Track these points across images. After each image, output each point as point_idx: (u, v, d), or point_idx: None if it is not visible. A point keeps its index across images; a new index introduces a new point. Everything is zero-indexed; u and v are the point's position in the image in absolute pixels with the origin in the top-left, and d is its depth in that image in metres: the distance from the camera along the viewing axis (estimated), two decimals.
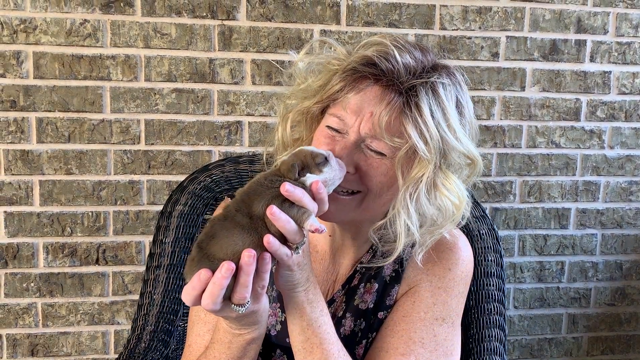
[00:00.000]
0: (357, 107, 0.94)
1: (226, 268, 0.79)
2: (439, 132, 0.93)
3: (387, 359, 1.00)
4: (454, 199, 0.98)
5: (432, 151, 0.92)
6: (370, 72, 0.95)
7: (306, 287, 0.93)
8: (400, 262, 1.09)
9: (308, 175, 0.87)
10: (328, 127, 0.98)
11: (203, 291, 0.81)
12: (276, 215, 0.82)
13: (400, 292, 1.08)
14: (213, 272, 0.80)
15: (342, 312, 1.09)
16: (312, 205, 0.85)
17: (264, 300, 0.89)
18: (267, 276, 0.83)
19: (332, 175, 0.88)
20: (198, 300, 0.81)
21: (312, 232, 0.84)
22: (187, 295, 0.82)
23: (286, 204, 0.84)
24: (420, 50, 0.99)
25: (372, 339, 1.08)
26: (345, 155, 0.93)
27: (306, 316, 0.93)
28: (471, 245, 1.33)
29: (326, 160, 0.89)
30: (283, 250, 0.84)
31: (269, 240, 0.82)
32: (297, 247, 0.86)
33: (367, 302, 1.09)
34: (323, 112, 1.03)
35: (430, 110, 0.92)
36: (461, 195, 0.99)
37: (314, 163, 0.88)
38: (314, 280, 0.95)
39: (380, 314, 1.08)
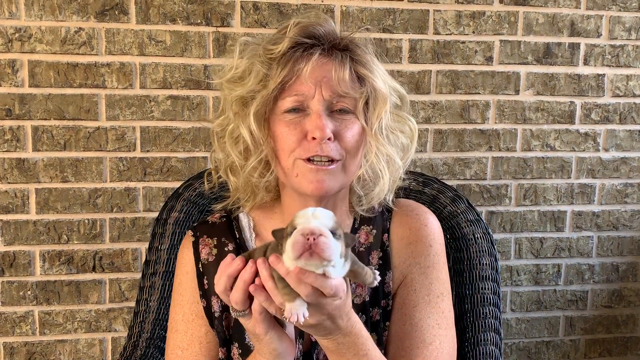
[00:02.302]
0: (315, 76, 1.01)
1: (236, 261, 0.87)
2: (380, 71, 1.07)
3: (421, 353, 1.06)
4: (407, 130, 1.11)
5: (385, 89, 1.05)
6: (313, 42, 1.03)
7: (325, 336, 0.92)
8: (382, 248, 1.13)
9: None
10: (287, 112, 1.02)
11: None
12: (264, 272, 0.84)
13: (395, 280, 1.12)
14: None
15: None
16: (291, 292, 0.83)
17: (270, 333, 0.90)
18: (259, 299, 0.86)
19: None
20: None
21: (288, 320, 0.83)
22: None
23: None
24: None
25: (383, 329, 1.11)
26: (323, 122, 0.99)
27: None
28: (466, 249, 1.34)
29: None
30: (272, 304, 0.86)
31: (258, 282, 0.85)
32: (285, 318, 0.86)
33: (362, 296, 1.10)
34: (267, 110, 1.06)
35: (370, 55, 1.07)
36: (412, 126, 1.12)
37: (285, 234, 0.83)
38: (339, 339, 0.92)
39: (383, 302, 1.11)
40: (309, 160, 1.00)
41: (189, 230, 1.17)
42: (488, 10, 2.13)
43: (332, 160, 1.01)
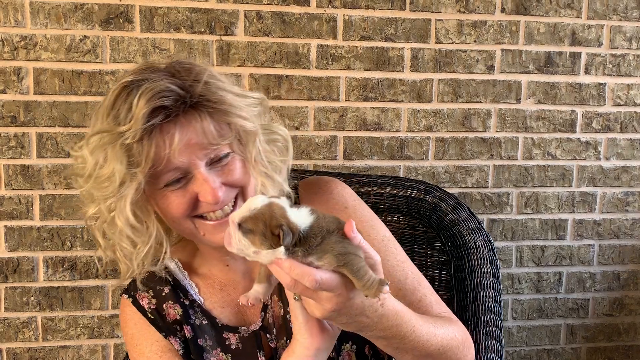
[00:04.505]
0: (182, 147, 0.96)
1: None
2: (239, 103, 1.02)
3: (404, 289, 1.08)
4: (280, 138, 1.11)
5: (250, 119, 1.02)
6: (162, 119, 0.96)
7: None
8: None
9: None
10: (169, 184, 0.99)
11: None
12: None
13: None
14: None
15: (283, 311, 1.11)
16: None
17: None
18: None
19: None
20: None
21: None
22: None
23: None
24: (171, 67, 1.03)
25: None
26: (212, 185, 0.97)
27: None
28: (467, 257, 1.35)
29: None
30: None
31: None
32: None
33: None
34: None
35: (223, 94, 1.00)
36: (283, 134, 1.12)
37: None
38: (378, 333, 0.93)
39: None
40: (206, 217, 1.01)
41: (122, 296, 1.17)
42: (490, 19, 2.14)
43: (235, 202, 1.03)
